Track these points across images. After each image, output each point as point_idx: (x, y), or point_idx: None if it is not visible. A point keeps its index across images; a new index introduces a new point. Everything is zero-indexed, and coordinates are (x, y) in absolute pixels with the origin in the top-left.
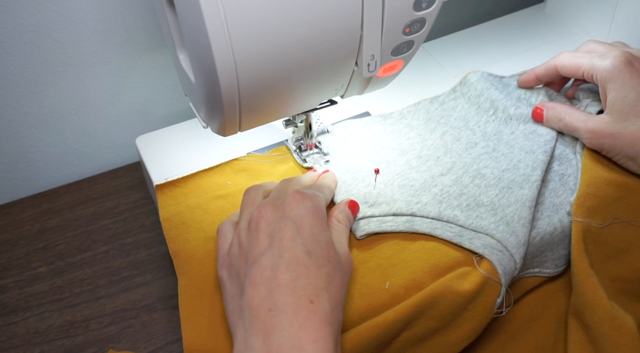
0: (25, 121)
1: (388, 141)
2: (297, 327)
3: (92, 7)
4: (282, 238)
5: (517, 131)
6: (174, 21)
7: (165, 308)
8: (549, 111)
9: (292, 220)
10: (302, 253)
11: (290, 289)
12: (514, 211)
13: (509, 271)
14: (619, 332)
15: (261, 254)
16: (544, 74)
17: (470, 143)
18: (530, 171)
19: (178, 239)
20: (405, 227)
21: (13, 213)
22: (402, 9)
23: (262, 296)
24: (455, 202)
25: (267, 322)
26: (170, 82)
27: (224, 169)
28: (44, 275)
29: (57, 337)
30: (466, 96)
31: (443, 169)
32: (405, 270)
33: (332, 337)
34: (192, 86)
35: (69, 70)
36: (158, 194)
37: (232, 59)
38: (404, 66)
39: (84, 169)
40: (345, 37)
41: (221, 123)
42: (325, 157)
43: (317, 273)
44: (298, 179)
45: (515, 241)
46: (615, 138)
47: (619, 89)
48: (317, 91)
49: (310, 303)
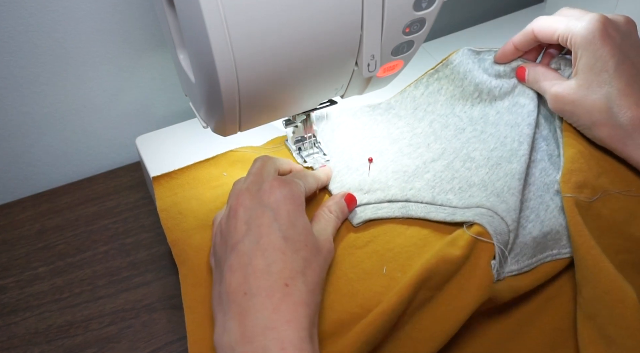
0: (25, 121)
1: (378, 130)
2: (271, 309)
3: (92, 7)
4: (259, 225)
5: (502, 109)
6: (174, 21)
7: (165, 308)
8: (530, 71)
9: (269, 207)
10: (278, 239)
11: (266, 273)
12: (503, 184)
13: (500, 232)
14: (623, 303)
15: (238, 241)
16: (522, 40)
17: (458, 129)
18: (517, 146)
19: (176, 228)
20: (401, 213)
21: (13, 213)
22: (402, 9)
23: (239, 281)
24: (448, 186)
25: (243, 305)
26: (170, 82)
27: (219, 160)
28: (44, 275)
29: (57, 337)
30: (449, 78)
31: (434, 156)
32: (402, 255)
33: (307, 318)
34: (192, 86)
35: (69, 70)
36: (155, 186)
37: (232, 59)
38: (404, 66)
39: (84, 169)
40: (345, 37)
41: (221, 123)
42: (325, 157)
43: (293, 257)
44: (274, 160)
45: (505, 207)
46: (576, 105)
47: (588, 56)
48: (317, 91)
49: (285, 286)
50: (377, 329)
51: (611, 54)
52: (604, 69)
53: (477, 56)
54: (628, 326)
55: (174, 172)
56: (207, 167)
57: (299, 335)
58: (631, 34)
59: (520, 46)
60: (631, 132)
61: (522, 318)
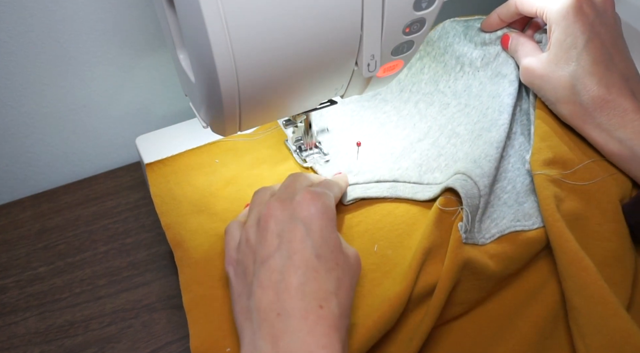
0: (26, 121)
1: (366, 115)
2: (306, 332)
3: (92, 7)
4: (291, 239)
5: (484, 80)
6: (174, 21)
7: (165, 308)
8: (513, 40)
9: (301, 221)
10: (311, 256)
11: (300, 293)
12: (481, 151)
13: (471, 195)
14: (586, 271)
15: (270, 255)
16: (505, 12)
17: (443, 105)
18: (497, 116)
19: (170, 213)
20: (389, 193)
21: (13, 213)
22: (402, 9)
23: (271, 299)
24: (434, 164)
25: (276, 326)
26: (170, 82)
27: (211, 148)
28: (44, 275)
29: (57, 337)
30: (431, 55)
31: (420, 135)
32: (392, 233)
33: (340, 342)
34: (192, 86)
35: (69, 70)
36: (148, 173)
37: (232, 59)
38: (404, 66)
39: (84, 169)
40: (345, 37)
41: (221, 123)
42: (325, 157)
43: (326, 277)
44: (306, 176)
45: (480, 172)
46: (543, 80)
47: (560, 31)
48: (317, 91)
49: (319, 308)
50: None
51: (582, 30)
52: (573, 45)
53: (465, 24)
54: (591, 295)
55: (167, 159)
56: (199, 154)
57: None
58: (606, 11)
59: (504, 17)
60: (591, 111)
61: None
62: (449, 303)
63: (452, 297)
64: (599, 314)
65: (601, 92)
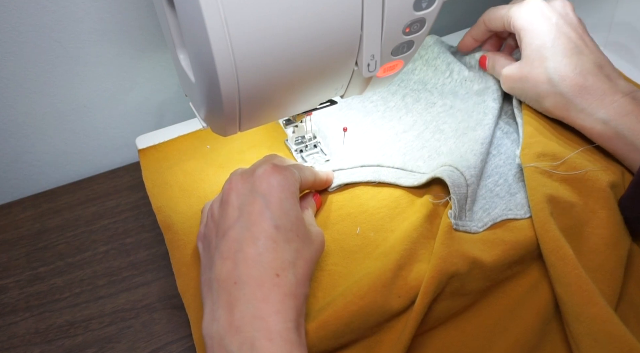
0: (25, 121)
1: (353, 104)
2: (261, 299)
3: (92, 7)
4: (250, 211)
5: (470, 92)
6: (174, 21)
7: (165, 308)
8: (489, 59)
9: (261, 193)
10: (269, 227)
11: (256, 263)
12: (467, 148)
13: (459, 184)
14: (564, 261)
15: (230, 227)
16: (477, 32)
17: (429, 103)
18: (482, 117)
19: (161, 196)
20: (373, 177)
21: (13, 213)
22: (402, 9)
23: (229, 269)
24: (418, 154)
25: (233, 294)
26: (170, 82)
27: (203, 134)
28: (43, 275)
29: (57, 337)
30: (423, 59)
31: (405, 127)
32: (374, 216)
33: (295, 309)
34: (192, 86)
35: (69, 70)
36: (141, 158)
37: (232, 59)
38: (404, 66)
39: (84, 169)
40: (345, 37)
41: (221, 123)
42: (325, 157)
43: (284, 247)
44: (281, 157)
45: (466, 164)
46: (523, 81)
47: (529, 36)
48: (317, 91)
49: (275, 276)
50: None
51: (547, 30)
52: (542, 45)
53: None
54: (568, 283)
55: (159, 145)
56: (191, 140)
57: (286, 325)
58: (567, 14)
59: (477, 37)
60: (572, 98)
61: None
62: (452, 294)
63: (452, 289)
64: (576, 302)
65: (577, 79)
